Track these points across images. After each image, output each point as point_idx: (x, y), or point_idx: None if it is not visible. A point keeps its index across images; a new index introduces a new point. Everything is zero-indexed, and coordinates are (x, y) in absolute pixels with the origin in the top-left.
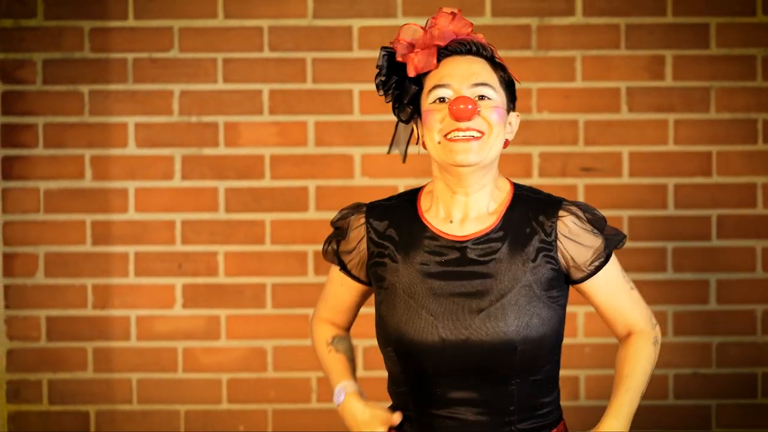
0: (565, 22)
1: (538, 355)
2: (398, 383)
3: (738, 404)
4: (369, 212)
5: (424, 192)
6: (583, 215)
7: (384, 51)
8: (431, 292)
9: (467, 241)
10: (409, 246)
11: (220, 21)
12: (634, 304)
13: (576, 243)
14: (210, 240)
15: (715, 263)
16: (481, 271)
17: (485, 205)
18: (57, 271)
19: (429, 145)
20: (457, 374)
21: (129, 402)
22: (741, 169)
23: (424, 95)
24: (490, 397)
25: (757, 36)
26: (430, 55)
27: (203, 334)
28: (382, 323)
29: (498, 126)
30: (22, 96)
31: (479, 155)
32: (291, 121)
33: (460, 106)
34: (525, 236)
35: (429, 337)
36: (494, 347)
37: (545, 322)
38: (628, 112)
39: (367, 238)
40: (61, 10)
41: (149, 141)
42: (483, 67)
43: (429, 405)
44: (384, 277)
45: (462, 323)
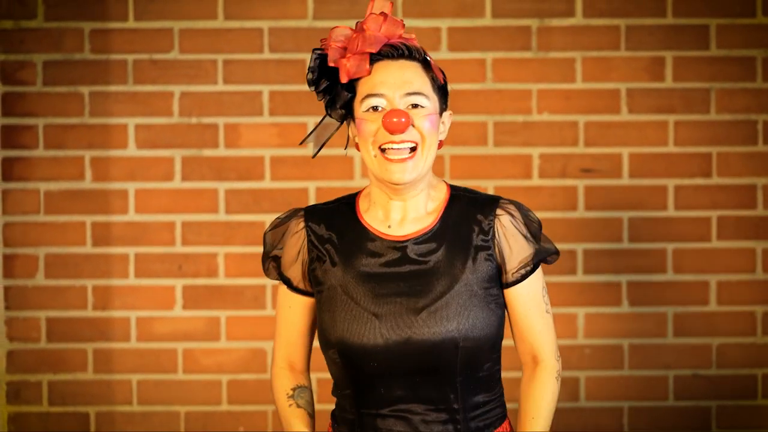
0: (566, 23)
1: (480, 352)
2: (341, 386)
3: (738, 405)
4: (308, 216)
5: (362, 195)
6: (519, 215)
7: (316, 53)
8: (372, 293)
9: (407, 241)
10: (349, 248)
11: (221, 22)
12: (545, 329)
13: (509, 245)
14: (210, 241)
15: (715, 264)
16: (421, 270)
17: (423, 206)
18: (57, 272)
19: (364, 154)
20: (401, 373)
21: (129, 403)
22: (741, 171)
23: (357, 101)
24: (435, 395)
25: (757, 37)
26: (362, 61)
27: (203, 335)
28: (323, 326)
29: (431, 135)
30: (22, 97)
31: (415, 172)
32: (291, 123)
33: (393, 119)
34: (464, 235)
35: (372, 339)
36: (436, 345)
37: (485, 319)
38: (629, 113)
39: (308, 242)
40: (61, 12)
41: (149, 142)
42: (415, 71)
43: (373, 405)
44: (324, 280)
45: (404, 323)
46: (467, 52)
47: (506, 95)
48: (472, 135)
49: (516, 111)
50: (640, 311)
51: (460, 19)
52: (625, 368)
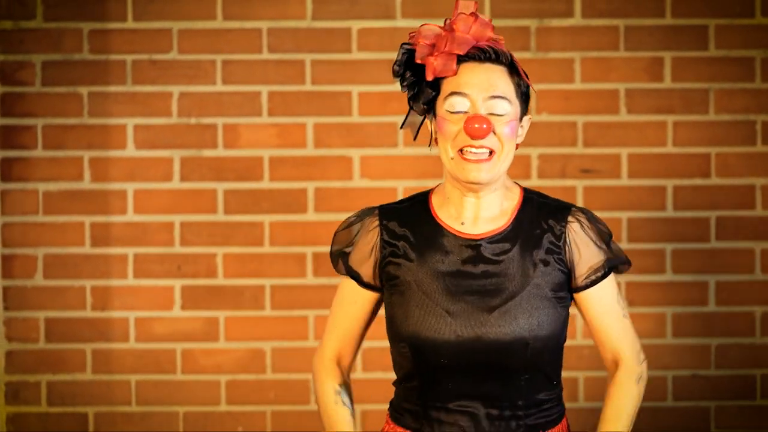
0: (565, 24)
1: (546, 352)
2: (407, 378)
3: (737, 406)
4: (382, 214)
5: (435, 191)
6: (590, 224)
7: (404, 48)
8: (446, 290)
9: (481, 240)
10: (424, 245)
11: (220, 22)
12: (624, 332)
13: (579, 251)
14: (209, 241)
15: (714, 265)
16: (494, 269)
17: (497, 205)
18: (56, 272)
19: (442, 153)
20: (469, 370)
21: (128, 403)
22: (740, 171)
23: (440, 99)
24: (500, 392)
25: (756, 37)
26: (449, 61)
27: (202, 335)
28: (395, 320)
29: (510, 142)
30: (21, 97)
31: (490, 173)
32: (290, 123)
33: (475, 125)
34: (535, 238)
35: (444, 335)
36: (506, 344)
37: (553, 321)
38: (627, 113)
39: (381, 240)
40: (60, 12)
41: (148, 142)
42: (500, 76)
43: (439, 399)
44: (398, 275)
45: (476, 321)
46: None
47: None
48: None
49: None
50: (638, 311)
51: None
52: None
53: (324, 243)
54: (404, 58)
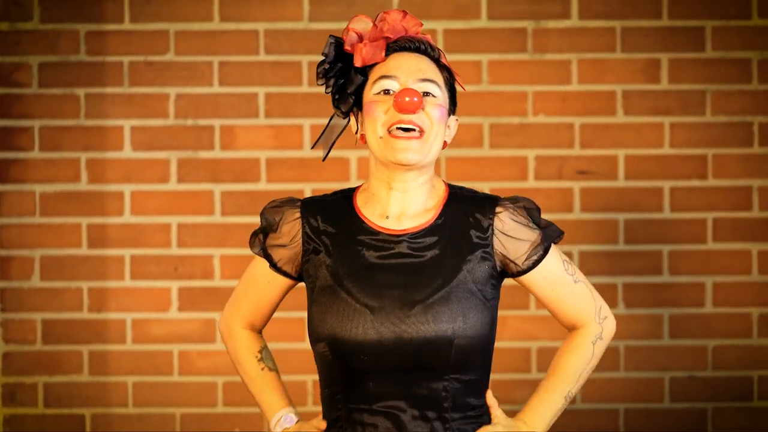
0: (561, 25)
1: (473, 352)
2: (329, 382)
3: (734, 407)
4: (304, 207)
5: (360, 189)
6: (518, 209)
7: (332, 39)
8: (367, 287)
9: (404, 236)
10: (345, 241)
11: (216, 24)
12: (577, 298)
13: (512, 238)
14: (206, 243)
15: (711, 266)
16: (417, 265)
17: (422, 202)
18: (53, 274)
19: (370, 138)
20: (392, 369)
21: (125, 405)
22: (737, 172)
23: (368, 86)
24: (425, 393)
25: (752, 39)
26: (378, 48)
27: (199, 337)
28: (314, 319)
29: (439, 125)
30: (18, 99)
31: (419, 154)
32: (287, 124)
33: (406, 98)
34: (461, 233)
35: (364, 333)
36: (429, 342)
37: (479, 320)
38: (624, 115)
39: (302, 233)
40: (57, 14)
41: (145, 144)
42: (430, 65)
43: (362, 401)
44: (317, 272)
45: (397, 317)
46: (463, 54)
47: (502, 97)
48: (467, 137)
49: (512, 113)
50: (635, 313)
51: (456, 21)
52: (621, 370)
53: None
54: (332, 48)
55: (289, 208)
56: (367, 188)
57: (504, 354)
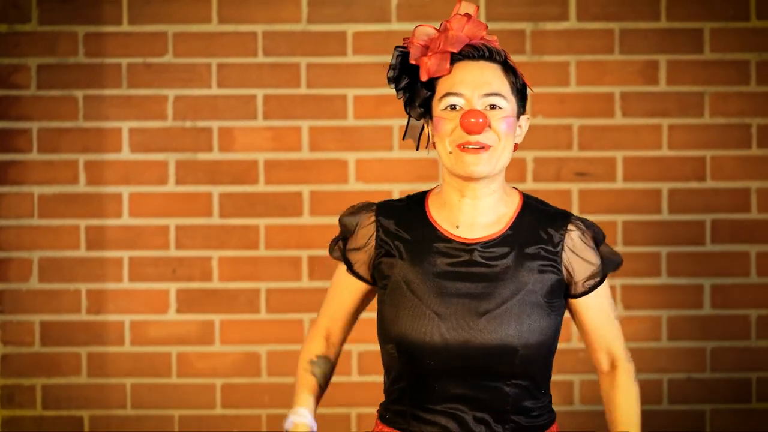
0: (560, 27)
1: (536, 360)
2: (395, 380)
3: (732, 409)
4: (379, 210)
5: (432, 194)
6: (588, 231)
7: (398, 51)
8: (437, 292)
9: (476, 244)
10: (417, 246)
11: (215, 26)
12: (618, 334)
13: (579, 258)
14: (204, 245)
15: (710, 268)
16: (487, 274)
17: (493, 210)
18: (51, 276)
19: (440, 151)
20: (457, 373)
21: (123, 407)
22: (735, 174)
23: (435, 100)
24: (487, 396)
25: (751, 41)
26: (443, 60)
27: (197, 339)
28: (384, 320)
29: (507, 137)
30: (16, 101)
31: (488, 166)
32: (285, 126)
33: (471, 120)
34: (533, 244)
35: (432, 337)
36: (495, 349)
37: (545, 329)
38: (623, 116)
39: (376, 236)
40: (55, 15)
41: (143, 146)
42: (495, 73)
43: (426, 400)
44: (390, 274)
45: (465, 324)
46: None
47: None
48: None
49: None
50: (634, 315)
51: None
52: None
53: (319, 246)
54: (398, 61)
55: (365, 212)
56: (440, 193)
57: None
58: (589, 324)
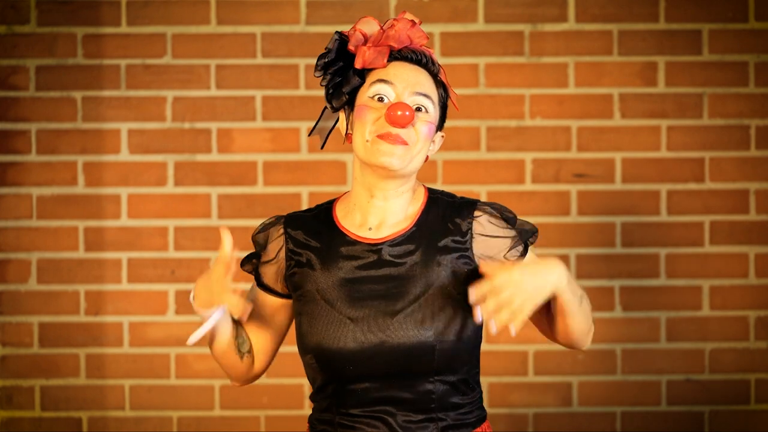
0: (558, 29)
1: (458, 354)
2: (320, 389)
3: (731, 410)
4: (287, 222)
5: (340, 200)
6: (495, 212)
7: (337, 35)
8: (349, 297)
9: (383, 243)
10: (327, 253)
11: (213, 27)
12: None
13: (491, 238)
14: (203, 246)
15: (708, 269)
16: (397, 272)
17: (402, 210)
18: (50, 277)
19: (356, 140)
20: (378, 376)
21: (122, 408)
22: (734, 175)
23: (363, 88)
24: (412, 396)
25: (749, 42)
26: (381, 53)
27: None
28: (300, 331)
29: (425, 141)
30: (15, 102)
31: (401, 162)
32: (284, 128)
33: (398, 112)
34: (440, 238)
35: (348, 343)
36: (412, 349)
37: (461, 322)
38: (621, 118)
39: (286, 248)
40: (54, 17)
41: (142, 147)
42: (428, 80)
43: (351, 406)
44: (302, 285)
45: (378, 326)
46: (460, 58)
47: (499, 100)
48: (464, 140)
49: (509, 116)
50: (632, 316)
51: (453, 25)
52: (618, 373)
53: None
54: (336, 45)
55: (274, 226)
56: (348, 197)
57: (500, 357)
58: None
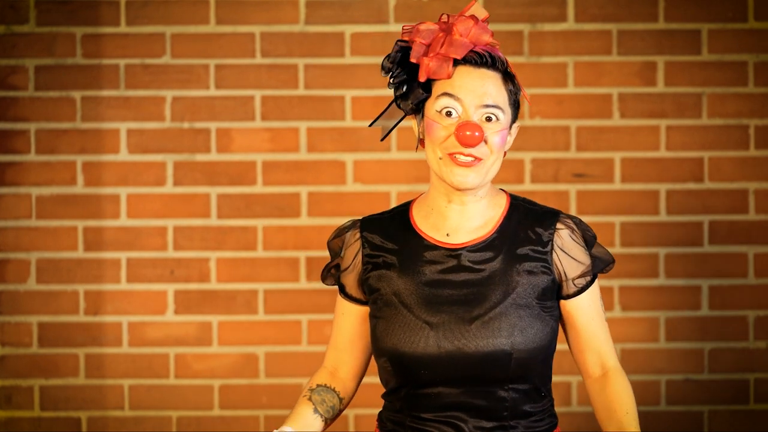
0: (558, 28)
1: (532, 363)
2: (393, 390)
3: (730, 410)
4: (363, 226)
5: (417, 202)
6: (578, 229)
7: (398, 44)
8: (426, 301)
9: (462, 249)
10: (405, 256)
11: (212, 27)
12: (608, 337)
13: (569, 257)
14: (202, 246)
15: (708, 269)
16: (476, 279)
17: (481, 216)
18: (49, 277)
19: (429, 155)
20: (453, 382)
21: (121, 408)
22: (733, 175)
23: (430, 100)
24: (484, 403)
25: (748, 42)
26: (444, 63)
27: (195, 340)
28: (376, 335)
29: (499, 150)
30: (14, 102)
31: (478, 178)
32: (283, 127)
33: (467, 132)
34: (521, 246)
35: (424, 348)
36: (488, 356)
37: (539, 332)
38: (620, 118)
39: (362, 252)
40: (53, 17)
41: (141, 147)
42: (495, 83)
43: (424, 409)
44: (378, 287)
45: (457, 332)
46: None
47: None
48: None
49: None
50: (632, 316)
51: None
52: None
53: (317, 247)
54: (398, 56)
55: (350, 231)
56: (425, 200)
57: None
58: (579, 325)
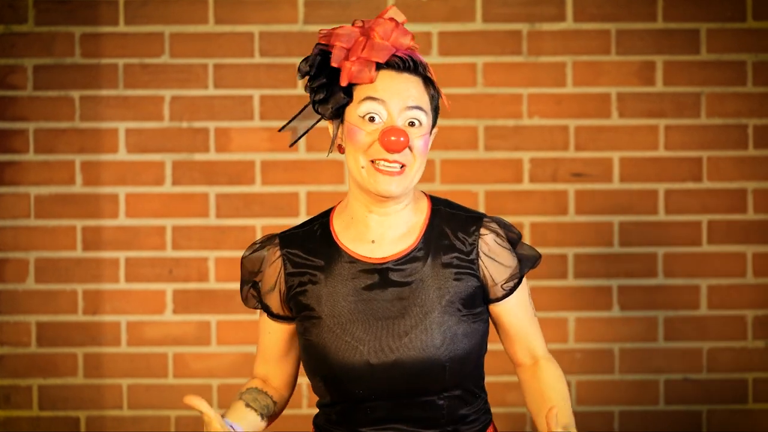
0: (556, 28)
1: (466, 370)
2: (327, 407)
3: (729, 410)
4: (283, 243)
5: (337, 211)
6: (502, 232)
7: (318, 48)
8: (355, 318)
9: (387, 263)
10: (329, 273)
11: (211, 27)
12: (537, 330)
13: (495, 262)
14: (201, 245)
15: (706, 268)
16: (403, 292)
17: (404, 223)
18: (47, 276)
19: (350, 163)
20: (388, 395)
21: (119, 407)
22: (732, 175)
23: (352, 104)
24: (422, 413)
25: (747, 41)
26: (366, 67)
27: (194, 339)
28: (307, 353)
29: (423, 155)
30: (13, 101)
31: (401, 186)
32: None
33: (392, 138)
34: (446, 253)
35: (356, 364)
36: (422, 367)
37: (470, 338)
38: (619, 117)
39: (285, 271)
40: (52, 16)
41: (140, 146)
42: (417, 86)
43: (361, 425)
44: (305, 305)
45: (389, 347)
46: (458, 57)
47: (497, 99)
48: (462, 139)
49: (507, 115)
50: (630, 315)
51: (451, 24)
52: (616, 373)
53: None
54: (318, 59)
55: (269, 248)
56: (344, 208)
57: (499, 357)
58: (509, 325)
